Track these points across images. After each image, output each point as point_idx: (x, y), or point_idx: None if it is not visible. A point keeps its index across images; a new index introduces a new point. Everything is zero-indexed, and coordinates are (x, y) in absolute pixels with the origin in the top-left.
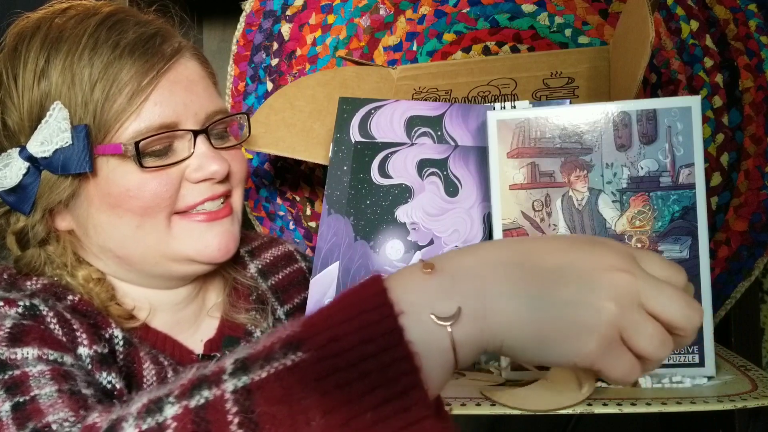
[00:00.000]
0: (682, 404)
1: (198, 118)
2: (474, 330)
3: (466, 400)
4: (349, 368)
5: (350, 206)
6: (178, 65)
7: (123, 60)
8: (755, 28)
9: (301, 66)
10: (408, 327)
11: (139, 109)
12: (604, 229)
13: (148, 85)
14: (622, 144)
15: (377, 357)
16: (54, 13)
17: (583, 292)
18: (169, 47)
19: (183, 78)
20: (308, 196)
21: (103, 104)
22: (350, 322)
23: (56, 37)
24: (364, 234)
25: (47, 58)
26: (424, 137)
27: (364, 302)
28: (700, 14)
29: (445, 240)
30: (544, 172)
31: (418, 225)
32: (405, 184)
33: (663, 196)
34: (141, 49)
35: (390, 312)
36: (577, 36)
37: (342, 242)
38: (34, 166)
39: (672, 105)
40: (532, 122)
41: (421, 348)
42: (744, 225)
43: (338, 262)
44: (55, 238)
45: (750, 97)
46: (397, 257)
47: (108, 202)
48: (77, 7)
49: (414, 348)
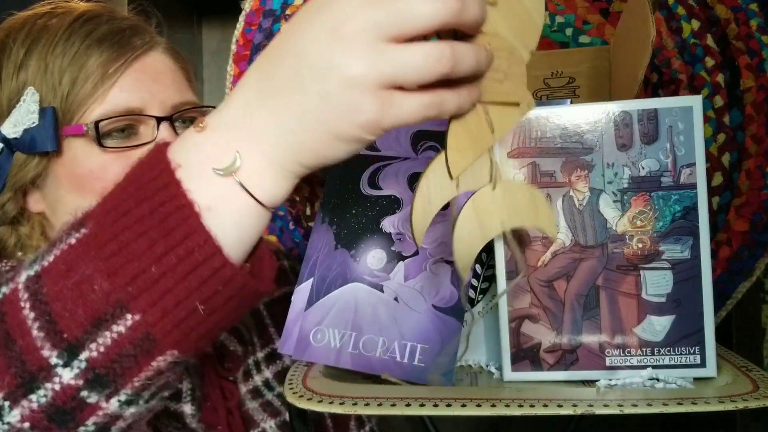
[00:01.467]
0: (683, 405)
1: (164, 106)
2: (261, 167)
3: (466, 401)
4: (129, 229)
5: (334, 215)
6: (148, 57)
7: (92, 50)
8: (756, 28)
9: None
10: (188, 182)
11: (104, 94)
12: (605, 229)
13: (114, 73)
14: (623, 144)
15: (155, 212)
16: (40, 12)
17: (326, 75)
18: (139, 40)
19: (151, 69)
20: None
21: (70, 89)
22: (129, 187)
23: (38, 31)
24: (345, 243)
25: (27, 51)
26: (431, 151)
27: (144, 167)
28: (701, 14)
29: (431, 252)
30: (544, 171)
31: (404, 235)
32: (394, 195)
33: (664, 196)
34: (111, 40)
35: (166, 167)
36: (577, 35)
37: (321, 251)
38: (8, 147)
39: (673, 105)
40: (532, 122)
41: (211, 201)
42: (745, 225)
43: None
44: (27, 219)
45: (751, 97)
46: (379, 266)
47: (74, 183)
48: (62, 7)
49: (194, 198)
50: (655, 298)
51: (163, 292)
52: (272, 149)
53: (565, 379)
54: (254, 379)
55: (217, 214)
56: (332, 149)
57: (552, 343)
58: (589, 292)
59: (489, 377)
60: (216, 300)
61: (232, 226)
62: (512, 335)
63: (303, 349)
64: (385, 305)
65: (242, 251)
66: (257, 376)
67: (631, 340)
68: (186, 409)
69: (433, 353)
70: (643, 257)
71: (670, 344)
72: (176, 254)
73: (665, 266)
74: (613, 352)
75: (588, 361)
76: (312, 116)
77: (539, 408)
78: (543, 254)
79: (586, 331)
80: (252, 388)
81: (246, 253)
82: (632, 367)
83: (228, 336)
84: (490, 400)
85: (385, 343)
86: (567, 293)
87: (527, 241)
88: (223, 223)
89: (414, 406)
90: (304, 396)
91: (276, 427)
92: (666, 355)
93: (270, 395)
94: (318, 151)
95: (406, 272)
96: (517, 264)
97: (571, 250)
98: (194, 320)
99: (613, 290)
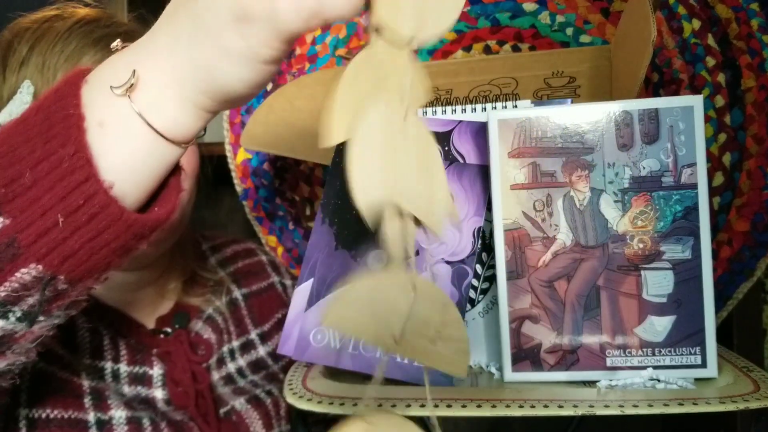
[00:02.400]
0: (684, 405)
1: None
2: (161, 92)
3: (466, 401)
4: (19, 134)
5: (334, 215)
6: None
7: (86, 49)
8: (757, 27)
9: (300, 65)
10: (87, 95)
11: None
12: (606, 230)
13: None
14: (623, 144)
15: (45, 120)
16: (47, 15)
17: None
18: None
19: None
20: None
21: None
22: (42, 100)
23: (42, 32)
24: (345, 243)
25: (30, 48)
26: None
27: (60, 83)
28: (701, 13)
29: (432, 252)
30: (545, 171)
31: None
32: None
33: (665, 196)
34: (105, 42)
35: (75, 82)
36: (578, 35)
37: (322, 251)
38: None
39: (674, 104)
40: (533, 122)
41: (104, 117)
42: (746, 225)
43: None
44: None
45: (752, 97)
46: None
47: None
48: (67, 11)
49: (87, 111)
50: (655, 299)
51: (32, 200)
52: (171, 71)
53: (565, 379)
54: (228, 367)
55: (107, 132)
56: (225, 71)
57: (552, 343)
58: (589, 293)
59: (489, 378)
60: (79, 216)
61: (121, 148)
62: (513, 336)
63: (303, 349)
64: None
65: (134, 182)
66: (231, 364)
67: (632, 340)
68: (157, 394)
69: None
70: (643, 257)
71: (670, 345)
72: (49, 162)
73: (666, 266)
74: (614, 353)
75: (589, 361)
76: (201, 30)
77: (540, 409)
78: (543, 254)
79: (586, 331)
80: (225, 375)
81: (143, 186)
82: (633, 368)
83: (203, 325)
84: (491, 400)
85: None
86: (567, 293)
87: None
88: (111, 142)
89: (414, 407)
90: (304, 397)
91: (245, 402)
92: (667, 355)
93: (242, 382)
94: (212, 72)
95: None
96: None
97: (571, 250)
98: (59, 234)
99: (614, 290)
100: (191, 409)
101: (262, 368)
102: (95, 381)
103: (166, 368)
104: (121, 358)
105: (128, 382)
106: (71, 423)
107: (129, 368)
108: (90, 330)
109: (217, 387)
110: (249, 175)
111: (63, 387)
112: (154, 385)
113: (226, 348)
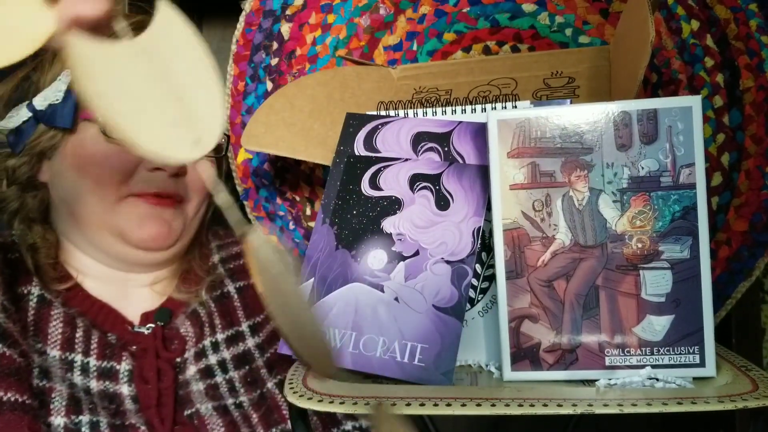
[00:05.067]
0: (682, 404)
1: None
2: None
3: (466, 401)
4: None
5: (335, 216)
6: None
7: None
8: (756, 28)
9: (300, 65)
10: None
11: None
12: (605, 229)
13: None
14: (622, 144)
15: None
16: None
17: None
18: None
19: None
20: (308, 196)
21: None
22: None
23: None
24: (346, 243)
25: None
26: (431, 152)
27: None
28: (700, 14)
29: (431, 252)
30: (544, 171)
31: (405, 236)
32: (395, 196)
33: (664, 196)
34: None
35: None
36: (577, 35)
37: (322, 251)
38: (35, 117)
39: (672, 105)
40: (532, 122)
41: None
42: (745, 225)
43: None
44: (35, 188)
45: (751, 97)
46: (379, 267)
47: (76, 163)
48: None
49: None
50: (654, 298)
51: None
52: None
53: (564, 378)
54: (208, 359)
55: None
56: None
57: (552, 342)
58: (588, 292)
59: (489, 377)
60: None
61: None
62: (512, 335)
63: None
64: (385, 305)
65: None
66: (213, 356)
67: (631, 339)
68: (123, 390)
69: (433, 353)
70: (642, 257)
71: (669, 344)
72: None
73: (665, 266)
74: (613, 352)
75: (587, 360)
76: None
77: (539, 407)
78: (543, 254)
79: (585, 330)
80: (204, 368)
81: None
82: (632, 367)
83: (183, 319)
84: (490, 399)
85: (385, 343)
86: (567, 293)
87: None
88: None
89: (414, 406)
90: (305, 395)
91: (212, 409)
92: (665, 354)
93: (221, 377)
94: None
95: (406, 272)
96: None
97: (570, 250)
98: None
99: (613, 290)
100: (152, 410)
101: (246, 363)
102: (49, 367)
103: (135, 365)
104: (92, 352)
105: (96, 376)
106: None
107: (98, 362)
108: (64, 322)
109: (190, 383)
110: (249, 175)
111: (16, 371)
112: (120, 381)
113: (208, 341)
